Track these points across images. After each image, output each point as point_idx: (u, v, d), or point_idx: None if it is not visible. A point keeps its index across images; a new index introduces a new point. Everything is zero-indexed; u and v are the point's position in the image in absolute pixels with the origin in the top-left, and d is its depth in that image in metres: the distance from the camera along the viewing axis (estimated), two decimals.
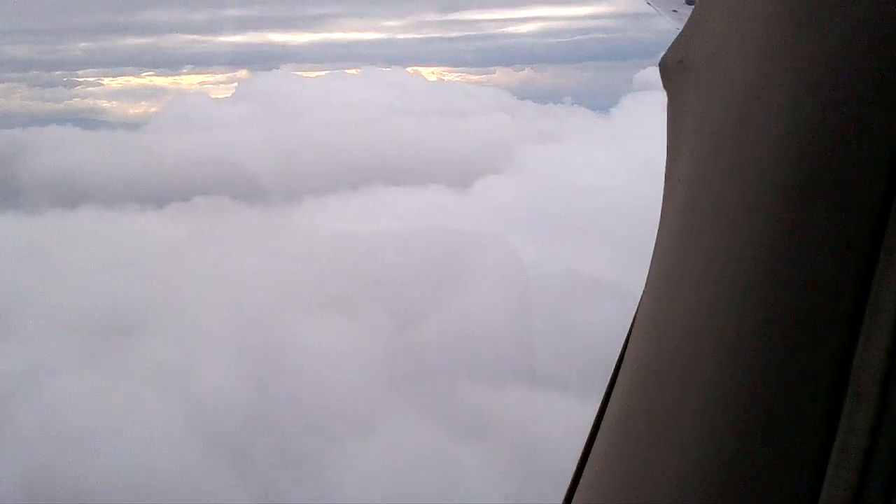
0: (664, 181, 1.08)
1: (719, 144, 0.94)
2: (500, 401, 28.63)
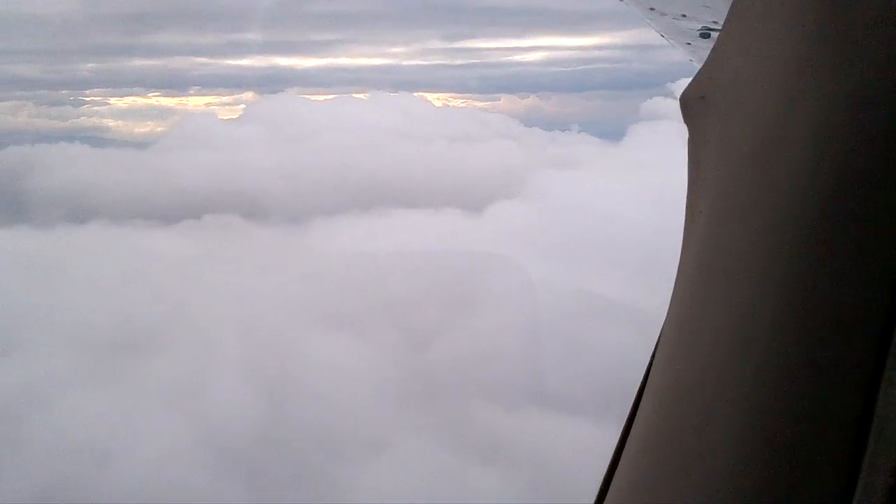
0: (685, 212, 1.08)
1: (742, 179, 0.95)
2: (513, 423, 28.46)
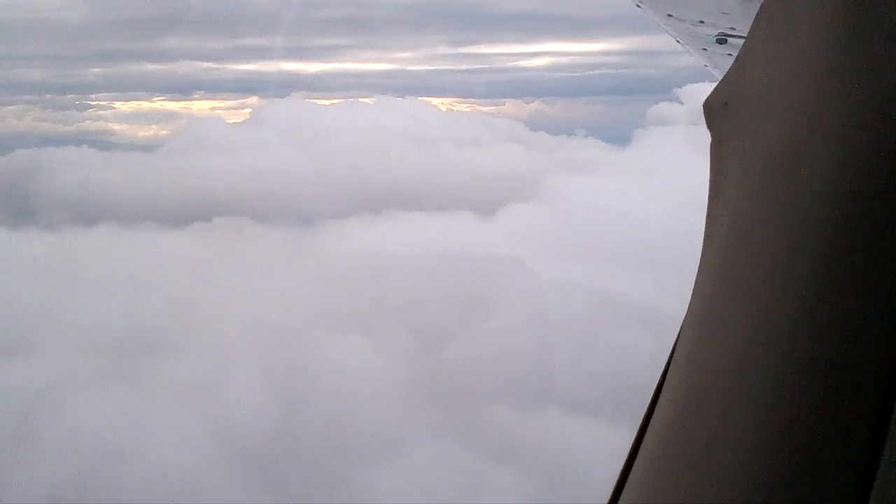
0: (706, 218, 1.08)
1: (765, 186, 0.96)
2: (528, 423, 28.47)
